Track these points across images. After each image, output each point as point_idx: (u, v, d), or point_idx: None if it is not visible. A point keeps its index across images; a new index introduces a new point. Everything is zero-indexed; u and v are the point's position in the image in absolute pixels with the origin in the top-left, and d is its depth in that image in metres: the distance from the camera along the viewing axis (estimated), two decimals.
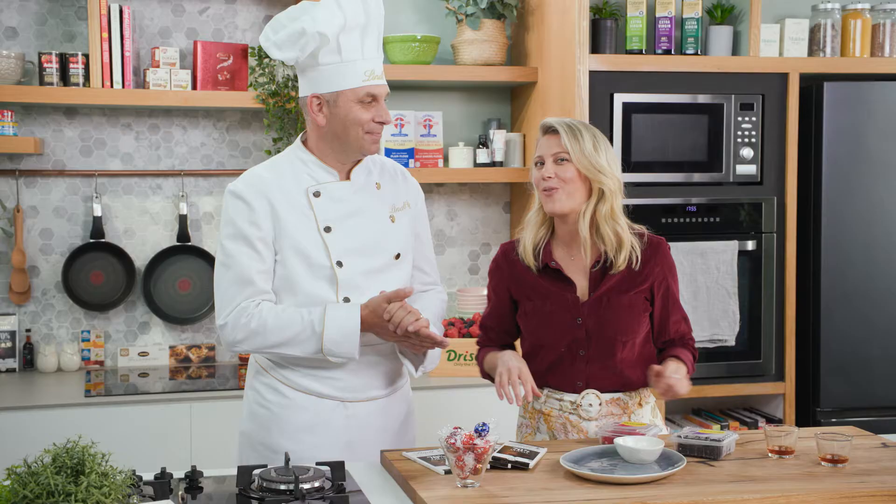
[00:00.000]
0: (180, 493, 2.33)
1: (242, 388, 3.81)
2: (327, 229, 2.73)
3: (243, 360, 4.35)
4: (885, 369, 4.25)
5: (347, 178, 2.80)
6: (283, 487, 2.32)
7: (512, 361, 2.75)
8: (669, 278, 2.82)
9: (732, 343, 4.15)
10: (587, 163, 2.73)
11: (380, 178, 2.87)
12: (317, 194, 2.75)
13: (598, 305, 2.77)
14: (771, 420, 4.32)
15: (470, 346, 4.02)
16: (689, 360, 2.80)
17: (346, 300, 2.73)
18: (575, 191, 2.75)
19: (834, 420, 4.21)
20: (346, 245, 2.74)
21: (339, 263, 2.72)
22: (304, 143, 2.83)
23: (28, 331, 4.19)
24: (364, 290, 2.75)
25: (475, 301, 4.42)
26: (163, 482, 2.31)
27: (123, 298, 4.26)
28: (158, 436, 3.71)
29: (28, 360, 4.18)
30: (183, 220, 4.29)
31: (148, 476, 2.41)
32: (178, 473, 2.46)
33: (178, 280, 4.32)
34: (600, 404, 2.79)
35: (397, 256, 2.82)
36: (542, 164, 2.78)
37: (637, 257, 2.76)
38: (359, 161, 2.82)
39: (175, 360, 4.33)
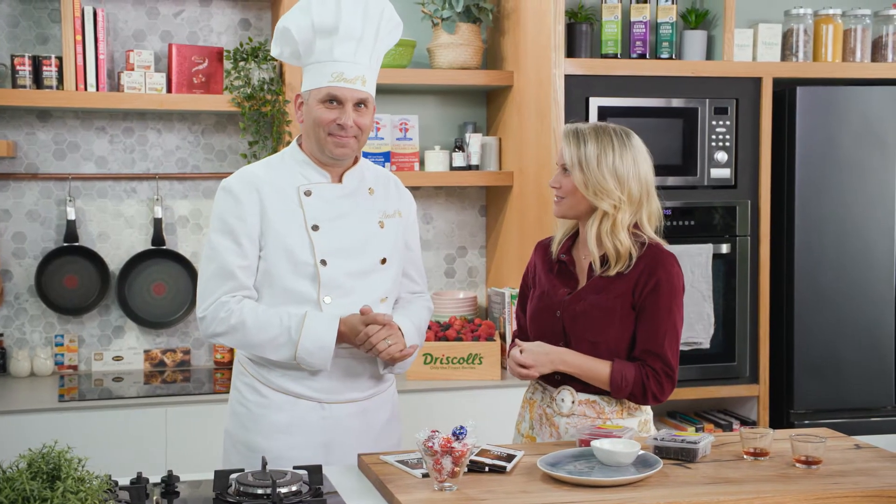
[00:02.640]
0: (156, 498, 2.32)
1: (218, 393, 3.86)
2: (315, 227, 2.76)
3: (219, 364, 4.34)
4: (857, 371, 4.29)
5: (340, 181, 2.84)
6: (259, 492, 2.32)
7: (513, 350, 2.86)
8: (656, 290, 2.72)
9: (707, 346, 4.16)
10: (584, 181, 2.73)
11: (374, 184, 2.91)
12: (308, 193, 2.78)
13: (575, 301, 2.80)
14: (745, 422, 4.35)
15: (445, 349, 4.03)
16: (616, 370, 2.70)
17: (328, 299, 2.75)
18: (577, 202, 2.78)
19: (807, 422, 4.24)
20: (333, 245, 2.76)
21: (324, 262, 2.74)
22: (300, 144, 2.86)
23: (0, 335, 4.16)
24: (346, 290, 2.77)
25: (451, 305, 4.42)
26: (139, 487, 2.30)
27: (97, 302, 4.24)
28: (133, 441, 3.69)
29: (0, 365, 4.14)
30: (158, 223, 4.27)
31: (124, 481, 2.40)
32: (155, 478, 2.45)
33: (152, 284, 4.29)
34: (573, 402, 2.80)
35: (383, 261, 2.85)
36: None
37: (630, 265, 2.75)
38: (352, 166, 2.85)
39: (150, 364, 4.30)
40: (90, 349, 4.27)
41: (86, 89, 3.98)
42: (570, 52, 4.18)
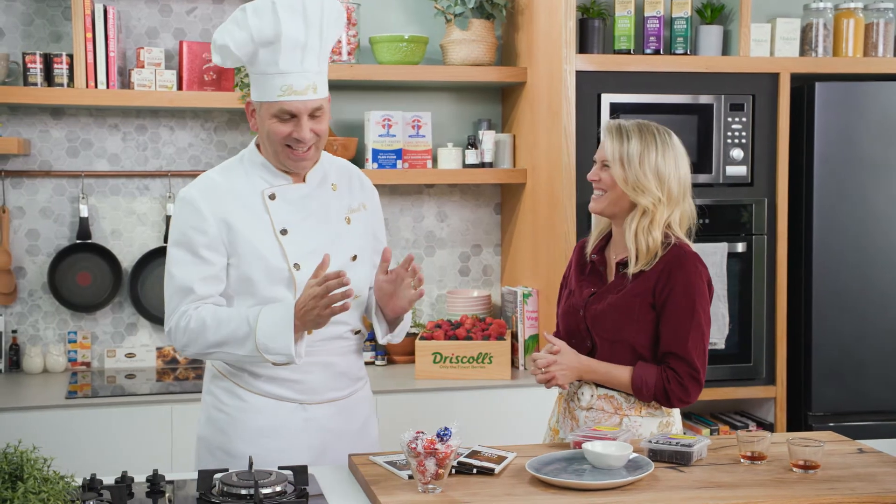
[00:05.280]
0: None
1: None
2: (283, 232, 2.70)
3: None
4: (877, 372, 4.20)
5: (303, 180, 2.77)
6: (243, 492, 2.30)
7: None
8: (675, 290, 2.69)
9: (722, 346, 4.09)
10: (624, 177, 2.72)
11: (336, 179, 2.85)
12: (272, 196, 2.72)
13: (597, 301, 2.80)
14: (762, 424, 4.28)
15: (455, 348, 3.99)
16: (636, 376, 2.70)
17: None
18: (617, 198, 2.76)
19: (831, 424, 4.14)
20: (303, 247, 2.71)
21: (297, 266, 2.69)
22: (258, 146, 2.78)
23: (14, 332, 4.18)
24: None
25: (464, 303, 4.39)
26: (121, 487, 2.28)
27: (110, 299, 4.24)
28: (140, 438, 3.69)
29: (14, 361, 4.16)
30: (170, 220, 4.26)
31: (109, 480, 2.39)
32: (140, 477, 2.43)
33: None
34: (592, 396, 2.80)
35: (354, 258, 2.79)
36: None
37: (652, 263, 2.73)
38: (314, 163, 2.78)
39: (162, 361, 4.31)
40: (103, 346, 4.28)
41: (96, 87, 3.99)
42: (583, 47, 4.12)
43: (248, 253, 2.67)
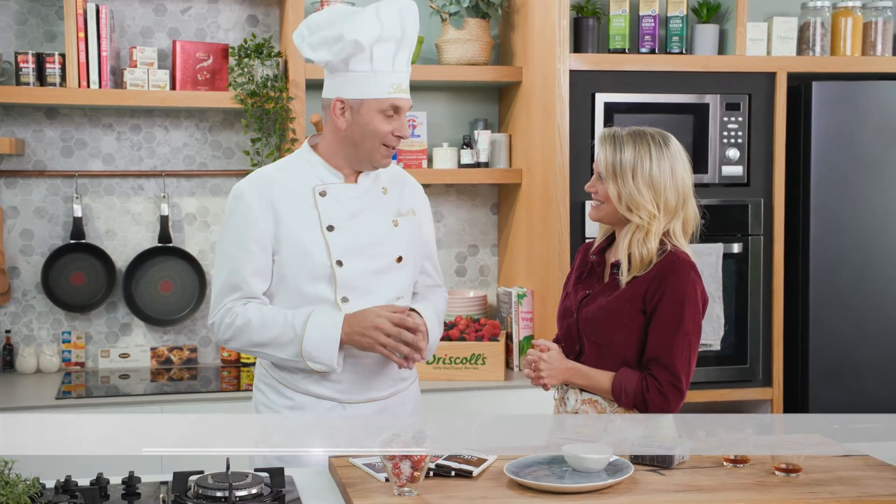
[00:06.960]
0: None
1: (224, 391, 3.84)
2: (330, 228, 2.74)
3: (226, 363, 4.32)
4: (875, 374, 4.16)
5: (355, 180, 2.82)
6: (218, 494, 2.28)
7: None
8: (666, 296, 2.65)
9: (718, 348, 4.06)
10: (618, 194, 2.69)
11: (388, 184, 2.89)
12: (323, 193, 2.77)
13: (588, 303, 2.78)
14: None
15: (449, 349, 3.97)
16: (616, 382, 2.68)
17: (345, 300, 2.73)
18: (614, 210, 2.73)
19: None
20: (348, 245, 2.74)
21: (339, 263, 2.72)
22: (314, 146, 2.84)
23: (8, 332, 4.17)
24: (363, 290, 2.75)
25: (461, 303, 4.36)
26: (94, 489, 2.27)
27: (104, 300, 4.24)
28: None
29: (7, 361, 4.15)
30: (164, 220, 4.26)
31: (84, 482, 2.37)
32: (116, 479, 2.42)
33: (159, 281, 4.28)
34: (576, 400, 2.78)
35: (399, 259, 2.82)
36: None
37: (646, 269, 2.70)
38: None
39: (156, 361, 4.30)
40: (97, 346, 4.28)
41: (88, 86, 3.98)
42: (577, 47, 4.10)
43: (292, 247, 2.73)
